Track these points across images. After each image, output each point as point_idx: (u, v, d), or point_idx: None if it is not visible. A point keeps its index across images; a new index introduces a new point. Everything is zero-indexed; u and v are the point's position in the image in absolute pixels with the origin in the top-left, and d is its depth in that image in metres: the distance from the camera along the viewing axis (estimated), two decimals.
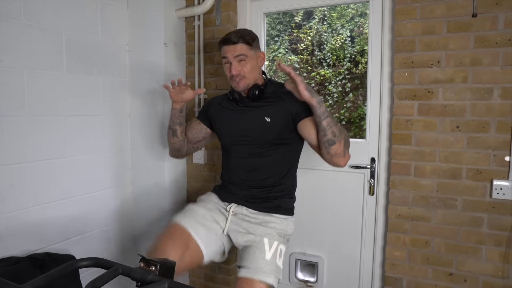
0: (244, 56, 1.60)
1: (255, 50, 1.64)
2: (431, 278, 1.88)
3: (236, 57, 1.59)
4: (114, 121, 2.21)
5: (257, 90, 1.65)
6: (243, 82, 1.63)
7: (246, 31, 1.67)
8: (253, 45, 1.63)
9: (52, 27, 1.82)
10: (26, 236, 1.76)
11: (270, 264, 1.52)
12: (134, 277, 1.09)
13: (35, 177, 1.79)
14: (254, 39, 1.65)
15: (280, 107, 1.62)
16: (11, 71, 1.66)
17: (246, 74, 1.62)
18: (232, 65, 1.61)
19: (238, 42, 1.59)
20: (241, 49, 1.59)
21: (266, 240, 1.55)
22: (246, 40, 1.60)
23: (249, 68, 1.62)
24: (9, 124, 1.67)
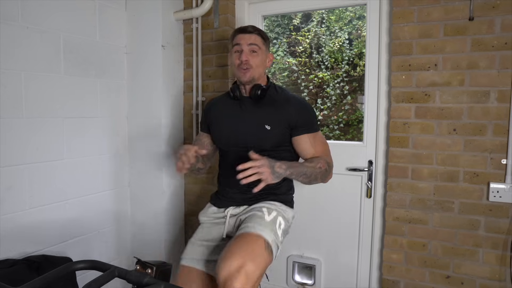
0: (257, 47, 1.61)
1: (266, 47, 1.67)
2: (428, 281, 1.88)
3: (249, 45, 1.59)
4: (112, 123, 2.21)
5: (259, 90, 1.62)
6: (250, 73, 1.61)
7: (260, 29, 1.68)
8: (266, 42, 1.66)
9: (50, 29, 1.82)
10: (23, 238, 1.75)
11: (270, 225, 1.48)
12: (130, 279, 1.09)
13: (32, 179, 1.78)
14: (267, 38, 1.70)
15: (282, 116, 1.61)
16: (8, 73, 1.66)
17: (253, 65, 1.60)
18: (243, 52, 1.59)
19: (254, 32, 1.61)
20: (256, 39, 1.61)
21: (264, 209, 1.55)
22: (262, 34, 1.64)
23: (258, 61, 1.62)
24: (6, 126, 1.66)
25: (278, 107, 1.63)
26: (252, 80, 1.63)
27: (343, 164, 2.08)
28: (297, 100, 1.67)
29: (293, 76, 3.78)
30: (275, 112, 1.62)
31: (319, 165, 1.56)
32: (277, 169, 1.41)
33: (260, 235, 1.41)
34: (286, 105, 1.62)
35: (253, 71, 1.61)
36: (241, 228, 1.49)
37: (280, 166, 1.43)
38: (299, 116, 1.61)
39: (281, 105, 1.63)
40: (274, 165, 1.41)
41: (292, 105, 1.62)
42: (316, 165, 1.55)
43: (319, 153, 1.63)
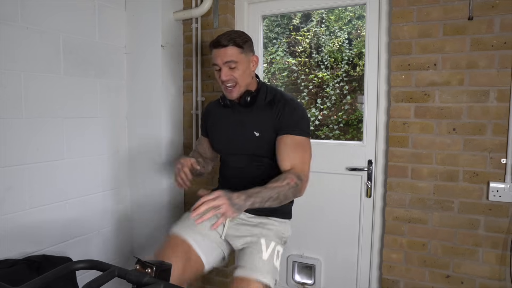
0: (234, 62, 1.50)
1: (246, 54, 1.54)
2: (428, 280, 1.88)
3: (226, 63, 1.50)
4: (111, 123, 2.21)
5: (249, 96, 1.55)
6: (236, 90, 1.54)
7: (237, 32, 1.55)
8: (244, 48, 1.52)
9: (49, 29, 1.82)
10: (23, 238, 1.75)
11: (267, 264, 1.50)
12: (130, 279, 1.10)
13: (32, 179, 1.79)
14: (246, 41, 1.54)
15: (269, 119, 1.54)
16: (8, 73, 1.66)
17: (237, 80, 1.52)
18: (222, 71, 1.51)
19: (228, 44, 1.49)
20: (231, 54, 1.49)
21: (263, 241, 1.54)
22: (237, 43, 1.50)
23: (240, 73, 1.52)
24: (6, 126, 1.67)
25: (267, 110, 1.56)
26: (241, 94, 1.56)
27: (342, 163, 2.09)
28: (285, 100, 1.56)
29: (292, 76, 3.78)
30: (263, 117, 1.56)
31: (286, 181, 1.40)
32: (236, 200, 1.27)
33: (258, 281, 1.45)
34: (273, 107, 1.54)
35: (238, 86, 1.54)
36: (239, 268, 1.50)
37: (238, 196, 1.28)
38: (283, 116, 1.52)
39: (269, 108, 1.55)
40: (232, 196, 1.27)
41: (277, 106, 1.54)
42: (283, 183, 1.39)
43: (295, 160, 1.48)
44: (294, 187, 1.42)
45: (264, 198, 1.34)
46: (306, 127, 1.55)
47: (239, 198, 1.28)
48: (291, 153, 1.49)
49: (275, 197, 1.37)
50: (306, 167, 1.50)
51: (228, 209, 1.24)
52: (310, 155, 1.54)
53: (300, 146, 1.50)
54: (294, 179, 1.42)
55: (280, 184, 1.39)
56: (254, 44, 2.25)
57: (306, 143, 1.53)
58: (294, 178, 1.42)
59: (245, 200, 1.29)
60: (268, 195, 1.35)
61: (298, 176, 1.44)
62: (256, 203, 1.32)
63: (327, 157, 2.13)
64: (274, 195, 1.36)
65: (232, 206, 1.25)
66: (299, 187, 1.44)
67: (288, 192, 1.40)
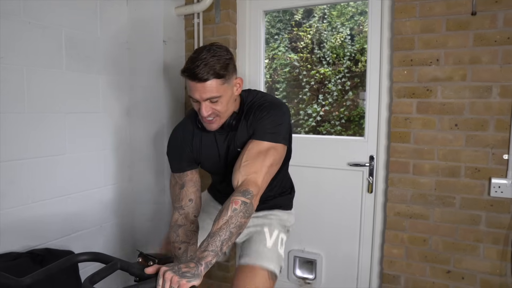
0: (216, 97, 1.28)
1: (229, 81, 1.31)
2: (429, 276, 1.89)
3: (206, 99, 1.29)
4: (113, 119, 2.21)
5: (233, 121, 1.39)
6: (217, 123, 1.36)
7: (215, 57, 1.26)
8: (226, 77, 1.28)
9: (52, 24, 1.82)
10: (26, 232, 1.76)
11: (271, 252, 1.48)
12: (132, 272, 1.11)
13: (34, 174, 1.79)
14: (227, 65, 1.28)
15: (248, 133, 1.39)
16: (11, 68, 1.66)
17: (219, 113, 1.33)
18: (201, 106, 1.30)
19: (208, 79, 1.25)
20: (212, 89, 1.26)
21: (266, 229, 1.52)
22: (218, 74, 1.25)
23: (223, 106, 1.32)
24: (8, 121, 1.67)
25: (248, 122, 1.40)
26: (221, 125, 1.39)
27: (344, 159, 2.09)
28: (259, 105, 1.39)
29: (294, 72, 3.78)
30: (245, 130, 1.40)
31: (230, 210, 1.19)
32: (184, 269, 1.04)
33: (263, 267, 1.43)
34: (253, 117, 1.38)
35: (219, 119, 1.35)
36: (243, 256, 1.48)
37: (187, 265, 1.05)
38: (254, 122, 1.37)
39: (250, 119, 1.39)
40: (175, 266, 1.04)
41: (251, 114, 1.38)
42: (227, 214, 1.19)
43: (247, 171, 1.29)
44: (243, 210, 1.21)
45: (217, 247, 1.13)
46: (279, 132, 1.36)
47: (187, 268, 1.04)
48: (249, 159, 1.31)
49: (228, 237, 1.16)
50: (260, 176, 1.29)
51: (177, 282, 1.00)
52: (271, 163, 1.33)
53: (262, 153, 1.31)
54: (239, 200, 1.22)
55: (225, 218, 1.18)
56: (256, 39, 2.27)
57: (272, 150, 1.34)
58: (239, 198, 1.22)
59: (196, 267, 1.06)
60: (219, 241, 1.14)
61: (244, 192, 1.24)
62: (211, 262, 1.11)
63: (328, 153, 2.14)
64: (226, 235, 1.15)
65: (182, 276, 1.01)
66: (248, 204, 1.22)
67: (238, 219, 1.19)
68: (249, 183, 1.26)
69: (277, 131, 1.35)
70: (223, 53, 1.29)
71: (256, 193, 1.26)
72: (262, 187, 1.30)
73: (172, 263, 1.09)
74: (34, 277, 1.07)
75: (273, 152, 1.34)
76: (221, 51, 1.30)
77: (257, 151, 1.32)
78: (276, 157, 1.35)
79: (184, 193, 1.47)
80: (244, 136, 1.40)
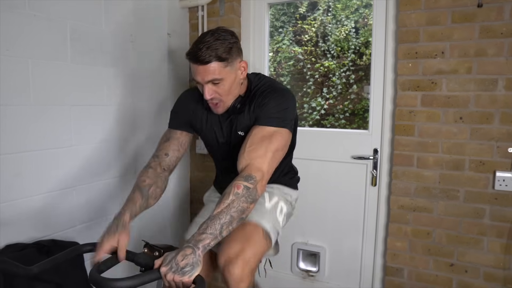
0: (219, 80, 1.30)
1: (232, 65, 1.32)
2: (432, 269, 1.90)
3: (208, 82, 1.31)
4: (118, 111, 2.22)
5: (238, 104, 1.41)
6: (221, 107, 1.39)
7: (219, 38, 1.28)
8: (229, 60, 1.30)
9: (57, 16, 1.82)
10: (32, 224, 1.78)
11: (269, 213, 1.45)
12: (138, 262, 1.12)
13: (40, 166, 1.80)
14: (230, 49, 1.30)
15: (250, 119, 1.41)
16: (16, 60, 1.67)
17: (222, 97, 1.35)
18: (204, 88, 1.32)
19: (210, 61, 1.26)
20: (214, 71, 1.28)
21: (266, 194, 1.49)
22: (220, 57, 1.27)
23: (226, 89, 1.34)
24: (14, 113, 1.68)
25: (251, 107, 1.41)
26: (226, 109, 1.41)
27: (348, 152, 2.09)
28: (263, 91, 1.41)
29: (298, 65, 3.77)
30: (249, 114, 1.42)
31: (231, 195, 1.19)
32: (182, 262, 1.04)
33: (258, 224, 1.41)
34: (257, 102, 1.40)
35: (223, 103, 1.38)
36: None
37: (184, 254, 1.06)
38: (258, 107, 1.38)
39: (254, 104, 1.41)
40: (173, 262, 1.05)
41: (255, 99, 1.40)
42: (229, 198, 1.18)
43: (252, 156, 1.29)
44: (246, 194, 1.20)
45: (216, 230, 1.12)
46: (284, 117, 1.36)
47: (185, 259, 1.05)
48: (254, 145, 1.31)
49: (229, 221, 1.15)
50: (265, 162, 1.28)
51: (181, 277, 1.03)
52: (277, 147, 1.32)
53: (267, 138, 1.31)
54: (241, 184, 1.21)
55: (227, 202, 1.18)
56: (260, 32, 2.26)
57: (277, 134, 1.33)
58: (241, 183, 1.22)
59: (193, 253, 1.06)
60: (219, 224, 1.13)
61: (247, 177, 1.24)
62: (209, 244, 1.11)
63: (332, 146, 2.14)
64: (226, 219, 1.15)
65: (182, 273, 1.03)
66: (251, 189, 1.22)
67: (240, 203, 1.18)
68: (253, 169, 1.26)
69: (281, 116, 1.35)
70: (227, 37, 1.30)
71: (260, 179, 1.26)
72: (267, 172, 1.30)
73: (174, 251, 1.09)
74: (42, 266, 1.09)
75: (278, 136, 1.33)
76: (226, 34, 1.31)
77: (261, 136, 1.32)
78: (281, 141, 1.34)
79: (165, 146, 1.52)
80: (246, 120, 1.41)
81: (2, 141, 1.64)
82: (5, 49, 1.62)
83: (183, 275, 1.02)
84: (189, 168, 2.44)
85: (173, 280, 1.02)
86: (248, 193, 1.21)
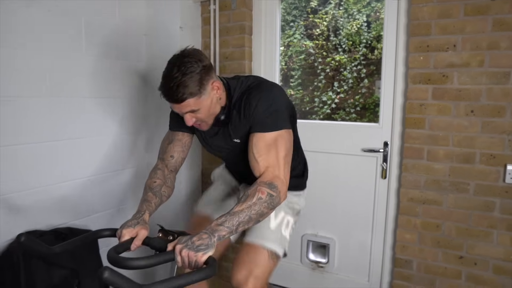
0: (195, 110, 1.32)
1: (205, 92, 1.30)
2: (441, 261, 1.91)
3: (185, 113, 1.33)
4: (132, 103, 2.27)
5: (222, 116, 1.42)
6: (205, 126, 1.42)
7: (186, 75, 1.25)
8: (201, 90, 1.29)
9: (72, 10, 1.86)
10: (49, 212, 1.84)
11: (274, 233, 1.52)
12: (153, 245, 1.16)
13: (56, 156, 1.86)
14: (199, 81, 1.28)
15: (244, 125, 1.40)
16: (33, 54, 1.72)
17: (203, 120, 1.38)
18: (184, 118, 1.35)
19: (183, 100, 1.27)
20: (189, 105, 1.29)
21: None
22: (192, 93, 1.27)
23: (206, 113, 1.35)
24: (31, 105, 1.73)
25: (241, 113, 1.40)
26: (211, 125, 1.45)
27: (358, 145, 2.10)
28: (248, 95, 1.39)
29: (310, 59, 3.77)
30: (239, 122, 1.41)
31: (256, 197, 1.23)
32: (198, 242, 1.10)
33: (263, 247, 1.48)
34: (240, 109, 1.39)
35: (206, 123, 1.41)
36: (247, 234, 1.54)
37: (200, 237, 1.11)
38: (249, 114, 1.36)
39: (243, 109, 1.39)
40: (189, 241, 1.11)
41: (243, 107, 1.38)
42: (252, 200, 1.22)
43: (267, 163, 1.32)
44: (268, 200, 1.24)
45: (232, 226, 1.17)
46: (279, 118, 1.36)
47: (200, 240, 1.11)
48: (262, 154, 1.32)
49: (246, 220, 1.20)
50: (280, 170, 1.32)
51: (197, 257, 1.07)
52: (285, 151, 1.35)
53: (272, 146, 1.33)
54: (265, 191, 1.25)
55: (249, 203, 1.22)
56: (272, 26, 2.28)
57: (279, 138, 1.35)
58: (266, 189, 1.25)
59: (208, 238, 1.12)
60: (236, 221, 1.18)
61: (270, 184, 1.27)
62: (224, 236, 1.15)
63: (343, 139, 2.15)
64: (244, 218, 1.19)
65: (197, 250, 1.08)
66: (275, 197, 1.26)
67: (261, 208, 1.23)
68: (273, 177, 1.29)
69: (275, 118, 1.35)
70: (194, 67, 1.26)
71: (281, 186, 1.29)
72: (285, 179, 1.33)
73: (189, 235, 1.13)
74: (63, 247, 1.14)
75: (281, 141, 1.35)
76: (191, 64, 1.26)
77: (265, 144, 1.33)
78: (286, 145, 1.36)
79: (169, 148, 1.56)
80: (240, 127, 1.42)
81: (20, 132, 1.70)
82: (22, 43, 1.67)
83: (197, 251, 1.07)
84: (200, 159, 2.48)
85: (187, 256, 1.07)
86: (271, 200, 1.25)
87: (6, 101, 1.63)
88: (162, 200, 1.46)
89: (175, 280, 0.94)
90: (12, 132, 1.66)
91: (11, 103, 1.65)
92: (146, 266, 1.03)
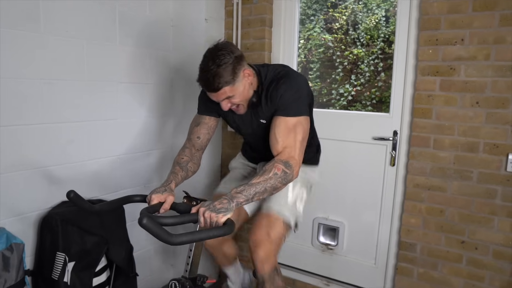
0: (230, 97, 1.50)
1: (239, 79, 1.47)
2: (444, 245, 2.01)
3: (221, 100, 1.51)
4: (159, 89, 2.44)
5: (254, 98, 1.58)
6: (242, 109, 1.59)
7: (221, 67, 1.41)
8: (235, 78, 1.45)
9: (108, 3, 2.04)
10: (83, 185, 2.02)
11: (289, 205, 1.68)
12: (178, 209, 1.34)
13: (90, 135, 2.05)
14: (233, 70, 1.44)
15: (272, 107, 1.56)
16: (74, 41, 1.90)
17: (238, 104, 1.55)
18: (221, 104, 1.53)
19: (220, 88, 1.44)
20: (225, 93, 1.46)
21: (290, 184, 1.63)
22: (227, 81, 1.43)
23: (240, 98, 1.52)
24: (70, 87, 1.92)
25: (269, 98, 1.56)
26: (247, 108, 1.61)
27: (369, 133, 2.22)
28: (277, 82, 1.55)
29: (328, 52, 3.87)
30: (267, 104, 1.58)
31: (272, 172, 1.41)
32: (219, 206, 1.28)
33: (280, 214, 1.64)
34: (273, 93, 1.54)
35: (243, 106, 1.58)
36: (264, 207, 1.69)
37: (221, 202, 1.30)
38: (276, 98, 1.53)
39: (271, 95, 1.55)
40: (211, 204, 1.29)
41: (271, 91, 1.54)
42: (269, 175, 1.40)
43: (285, 144, 1.49)
44: (283, 176, 1.42)
45: (250, 194, 1.35)
46: (300, 105, 1.54)
47: (221, 204, 1.29)
48: (282, 136, 1.49)
49: (262, 191, 1.38)
50: (296, 150, 1.49)
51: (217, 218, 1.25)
52: (303, 136, 1.52)
53: (292, 129, 1.50)
54: (281, 168, 1.43)
55: (265, 177, 1.39)
56: (291, 20, 2.39)
57: (298, 124, 1.51)
58: (281, 166, 1.43)
59: (228, 203, 1.30)
60: (253, 191, 1.36)
61: (286, 163, 1.44)
62: (242, 202, 1.34)
63: (354, 127, 2.27)
64: (260, 189, 1.37)
65: (217, 212, 1.26)
66: (288, 174, 1.44)
67: (276, 182, 1.41)
68: (289, 157, 1.47)
69: (298, 104, 1.53)
70: (227, 58, 1.42)
71: (295, 166, 1.47)
72: (299, 159, 1.51)
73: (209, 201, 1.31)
74: (102, 207, 1.32)
75: (300, 126, 1.52)
76: (224, 56, 1.42)
77: (285, 127, 1.50)
78: (304, 130, 1.54)
79: (196, 130, 1.75)
80: (266, 109, 1.59)
81: (60, 111, 1.89)
82: (64, 31, 1.86)
83: (218, 213, 1.26)
84: (220, 145, 2.64)
85: (209, 217, 1.25)
86: (285, 176, 1.43)
87: (48, 83, 1.82)
88: (188, 174, 1.65)
89: (199, 233, 1.11)
90: (55, 110, 1.85)
91: (52, 85, 1.84)
92: (173, 224, 1.20)
